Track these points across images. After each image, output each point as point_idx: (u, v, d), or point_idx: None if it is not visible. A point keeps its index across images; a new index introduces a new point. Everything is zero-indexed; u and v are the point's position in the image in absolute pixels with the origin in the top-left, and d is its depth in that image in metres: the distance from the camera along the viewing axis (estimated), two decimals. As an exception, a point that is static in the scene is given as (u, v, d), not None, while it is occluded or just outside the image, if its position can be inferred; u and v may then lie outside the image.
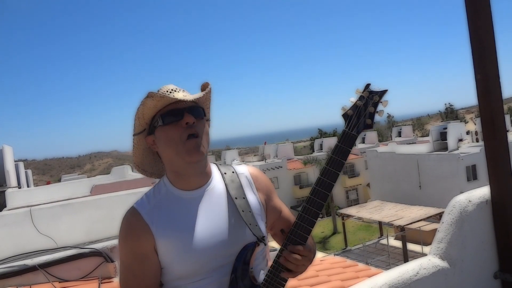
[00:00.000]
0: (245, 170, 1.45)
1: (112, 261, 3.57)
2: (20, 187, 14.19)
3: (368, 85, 1.27)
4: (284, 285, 1.29)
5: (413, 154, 28.81)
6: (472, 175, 25.69)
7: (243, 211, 1.33)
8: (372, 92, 1.26)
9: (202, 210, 1.31)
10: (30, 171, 18.56)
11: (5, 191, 11.74)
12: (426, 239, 18.99)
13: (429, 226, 20.09)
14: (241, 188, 1.38)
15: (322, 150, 41.25)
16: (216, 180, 1.38)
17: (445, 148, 28.49)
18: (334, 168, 1.25)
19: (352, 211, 25.08)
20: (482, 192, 1.97)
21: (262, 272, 1.38)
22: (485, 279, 1.95)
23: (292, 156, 40.95)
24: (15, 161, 15.11)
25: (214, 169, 1.41)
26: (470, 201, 1.91)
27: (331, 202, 30.75)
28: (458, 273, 1.84)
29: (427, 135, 37.38)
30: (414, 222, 19.88)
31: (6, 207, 10.57)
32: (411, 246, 19.52)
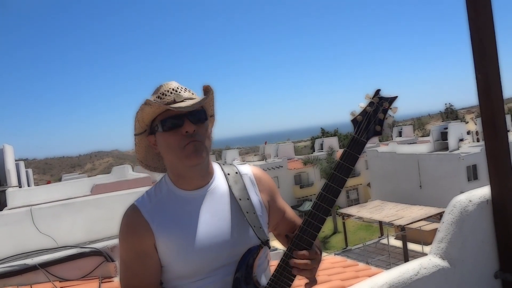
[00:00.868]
0: (248, 171, 1.44)
1: (113, 260, 3.57)
2: (20, 187, 14.20)
3: (378, 90, 1.24)
4: (290, 285, 1.27)
5: (413, 154, 28.82)
6: (472, 175, 25.69)
7: (247, 212, 1.31)
8: (382, 98, 1.23)
9: (204, 210, 1.30)
10: (30, 171, 18.59)
11: (5, 190, 11.76)
12: (426, 238, 18.98)
13: (429, 226, 20.08)
14: (245, 189, 1.37)
15: (322, 149, 41.23)
16: (219, 180, 1.37)
17: (445, 148, 28.49)
18: (342, 174, 1.23)
19: (353, 210, 25.08)
20: (483, 192, 1.97)
21: (264, 274, 1.37)
22: (485, 278, 1.94)
23: (292, 155, 40.95)
24: (16, 160, 15.12)
25: (217, 168, 1.40)
26: (470, 201, 1.90)
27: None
28: (459, 272, 1.83)
29: (427, 135, 37.37)
30: (415, 222, 19.88)
31: (6, 206, 10.58)
32: (411, 246, 19.51)
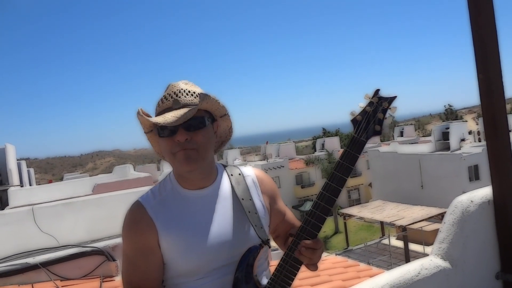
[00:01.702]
0: (251, 173, 1.46)
1: (114, 259, 3.57)
2: (22, 186, 14.24)
3: (377, 90, 1.25)
4: (291, 284, 1.28)
5: (415, 154, 28.76)
6: (474, 175, 25.62)
7: (249, 212, 1.33)
8: (381, 98, 1.24)
9: (207, 209, 1.31)
10: (32, 170, 18.62)
11: (7, 189, 11.80)
12: (427, 239, 18.96)
13: (431, 226, 20.07)
14: (247, 190, 1.39)
15: (324, 149, 41.20)
16: (222, 181, 1.38)
17: (447, 148, 28.42)
18: (342, 173, 1.24)
19: (354, 211, 25.06)
20: (484, 192, 1.97)
21: (265, 274, 1.38)
22: (486, 279, 1.94)
23: (294, 155, 40.92)
24: (17, 159, 15.16)
25: (220, 169, 1.42)
26: (472, 201, 1.90)
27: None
28: (460, 273, 1.83)
29: (428, 135, 37.28)
30: (416, 222, 19.86)
31: (8, 205, 10.61)
32: (412, 246, 19.50)
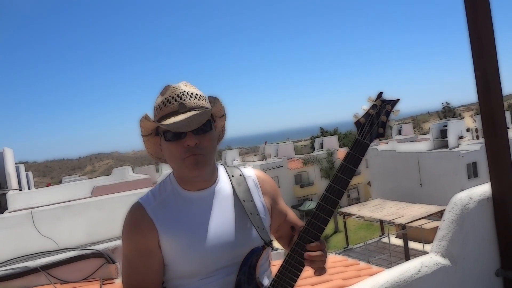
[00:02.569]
0: (252, 174, 1.46)
1: (114, 262, 3.57)
2: (21, 189, 14.20)
3: (380, 93, 1.27)
4: (293, 285, 1.29)
5: (413, 152, 28.80)
6: (472, 172, 25.67)
7: (251, 213, 1.33)
8: (384, 101, 1.26)
9: (208, 211, 1.31)
10: (30, 173, 18.58)
11: (6, 193, 11.76)
12: (427, 237, 18.99)
13: (430, 224, 20.09)
14: (248, 191, 1.39)
15: (322, 149, 41.23)
16: (223, 182, 1.38)
17: (445, 145, 28.47)
18: (345, 175, 1.25)
19: (353, 209, 25.09)
20: (483, 189, 1.97)
21: (266, 274, 1.38)
22: (486, 276, 1.94)
23: (292, 155, 40.93)
24: (16, 163, 15.12)
25: (221, 170, 1.42)
26: (471, 198, 1.90)
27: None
28: (460, 270, 1.83)
29: (426, 133, 37.31)
30: (415, 220, 19.89)
31: (7, 209, 10.58)
32: (412, 244, 19.53)
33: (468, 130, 31.24)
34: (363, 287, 1.65)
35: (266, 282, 1.35)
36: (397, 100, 1.26)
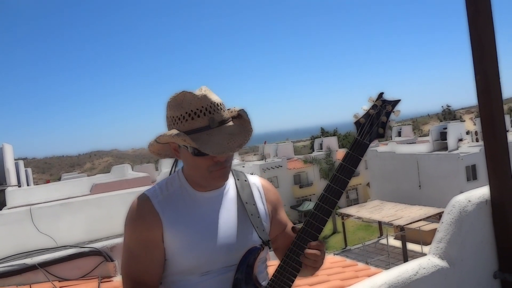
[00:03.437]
0: (257, 181, 1.47)
1: (112, 260, 3.57)
2: (20, 186, 14.21)
3: (381, 94, 1.27)
4: (290, 285, 1.29)
5: (413, 154, 28.82)
6: (471, 175, 25.70)
7: (252, 215, 1.35)
8: (385, 101, 1.26)
9: (212, 210, 1.33)
10: (30, 170, 18.60)
11: (5, 189, 11.76)
12: (425, 239, 19.01)
13: (428, 226, 20.11)
14: (251, 195, 1.40)
15: (322, 149, 41.25)
16: (229, 183, 1.40)
17: (445, 148, 28.50)
18: (344, 175, 1.25)
19: (352, 210, 25.11)
20: (482, 192, 1.97)
21: (263, 274, 1.39)
22: (484, 278, 1.95)
23: (292, 155, 40.96)
24: (15, 159, 15.14)
25: None
26: (469, 201, 1.91)
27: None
28: (458, 272, 1.84)
29: (426, 135, 37.32)
30: (414, 222, 19.92)
31: (6, 205, 10.58)
32: (410, 246, 19.55)
33: (467, 133, 31.29)
34: (361, 288, 1.66)
35: (264, 281, 1.36)
36: (397, 101, 1.26)
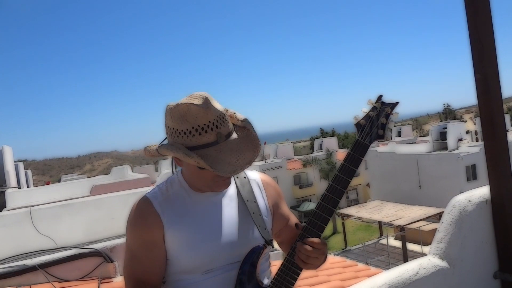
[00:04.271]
0: (256, 177, 1.48)
1: (112, 261, 3.57)
2: (20, 188, 14.19)
3: (380, 96, 1.31)
4: (293, 284, 1.30)
5: (412, 154, 28.83)
6: (471, 175, 25.71)
7: (253, 213, 1.36)
8: (384, 104, 1.30)
9: (213, 209, 1.34)
10: (29, 172, 18.55)
11: (5, 191, 11.74)
12: (425, 239, 19.00)
13: (428, 226, 20.10)
14: (252, 192, 1.41)
15: (322, 150, 41.27)
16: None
17: (445, 147, 28.51)
18: (345, 175, 1.29)
19: (352, 211, 25.09)
20: (482, 192, 1.97)
21: (265, 273, 1.40)
22: (484, 278, 1.95)
23: (292, 156, 40.96)
24: (15, 161, 15.12)
25: None
26: (469, 201, 1.91)
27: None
28: (458, 273, 1.84)
29: (426, 135, 37.34)
30: (414, 222, 19.90)
31: (6, 207, 10.57)
32: (410, 246, 19.54)
33: (467, 133, 31.31)
34: (361, 289, 1.66)
35: (266, 281, 1.37)
36: (396, 103, 1.30)
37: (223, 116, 1.25)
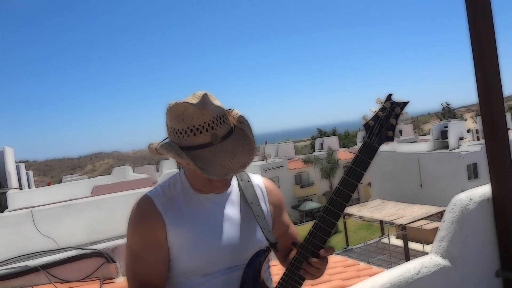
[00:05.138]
0: (260, 181, 1.46)
1: (114, 261, 3.57)
2: (21, 188, 14.21)
3: (390, 95, 1.25)
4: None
5: (414, 153, 28.83)
6: (473, 173, 25.69)
7: (258, 216, 1.34)
8: (394, 103, 1.24)
9: (217, 211, 1.32)
10: (31, 172, 18.59)
11: (6, 192, 11.76)
12: (427, 237, 18.99)
13: (430, 225, 20.10)
14: (255, 196, 1.39)
15: (322, 149, 41.23)
16: (233, 185, 1.39)
17: (446, 146, 28.50)
18: (353, 179, 1.24)
19: (353, 210, 25.05)
20: (483, 190, 1.97)
21: (265, 276, 1.38)
22: (486, 277, 1.95)
23: (293, 155, 40.96)
24: (16, 162, 15.13)
25: None
26: (471, 199, 1.91)
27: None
28: (460, 271, 1.83)
29: (426, 134, 37.27)
30: (415, 221, 19.88)
31: (7, 208, 10.59)
32: (412, 245, 19.52)
33: (468, 131, 31.26)
34: (363, 288, 1.66)
35: (267, 281, 1.35)
36: (406, 103, 1.24)
37: (221, 117, 1.22)
